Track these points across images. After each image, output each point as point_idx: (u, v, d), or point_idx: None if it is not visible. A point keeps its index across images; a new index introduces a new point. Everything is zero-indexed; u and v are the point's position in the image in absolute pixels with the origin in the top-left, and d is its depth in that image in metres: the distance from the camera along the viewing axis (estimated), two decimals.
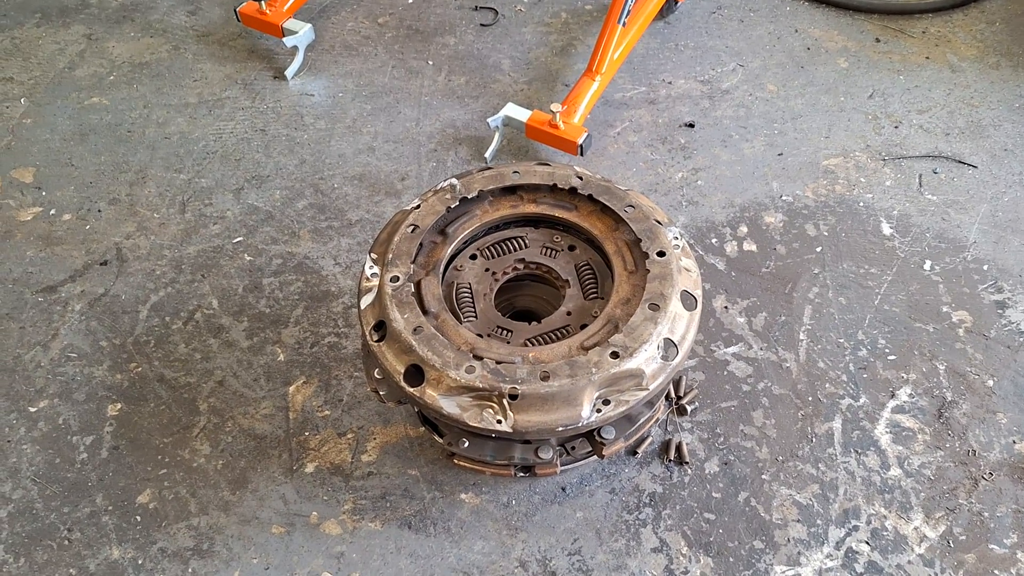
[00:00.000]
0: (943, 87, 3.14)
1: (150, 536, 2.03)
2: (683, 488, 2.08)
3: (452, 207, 1.98)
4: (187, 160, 2.93)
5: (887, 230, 2.64)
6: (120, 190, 2.84)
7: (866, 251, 2.59)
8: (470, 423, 1.67)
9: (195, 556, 1.99)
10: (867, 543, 1.99)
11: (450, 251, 1.96)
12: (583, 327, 1.84)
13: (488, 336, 1.85)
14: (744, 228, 2.66)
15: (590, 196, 2.00)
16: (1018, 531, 2.00)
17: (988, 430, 2.17)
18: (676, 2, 3.41)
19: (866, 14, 3.46)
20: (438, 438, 1.93)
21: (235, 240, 2.67)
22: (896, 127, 2.99)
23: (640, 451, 2.13)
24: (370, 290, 1.84)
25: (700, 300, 1.85)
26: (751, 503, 2.06)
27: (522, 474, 1.97)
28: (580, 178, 2.03)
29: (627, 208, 1.96)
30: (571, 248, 2.03)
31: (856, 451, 2.14)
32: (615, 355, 1.70)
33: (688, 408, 2.20)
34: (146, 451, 2.17)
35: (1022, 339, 2.36)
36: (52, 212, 2.77)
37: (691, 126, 3.01)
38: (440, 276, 1.92)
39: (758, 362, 2.33)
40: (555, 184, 2.02)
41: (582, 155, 2.77)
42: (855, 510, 2.04)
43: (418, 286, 1.87)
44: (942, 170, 2.83)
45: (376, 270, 1.87)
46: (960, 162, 2.86)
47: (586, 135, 2.74)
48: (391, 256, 1.86)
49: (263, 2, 3.18)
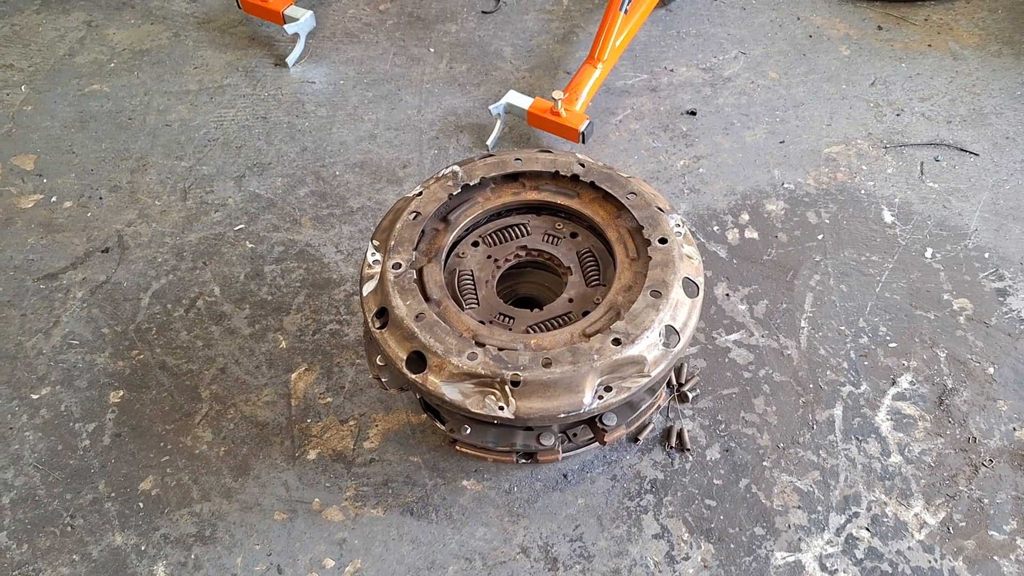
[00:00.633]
0: (945, 75, 3.13)
1: (152, 523, 2.03)
2: (684, 475, 2.09)
3: (454, 194, 1.98)
4: (188, 147, 2.93)
5: (888, 218, 2.64)
6: (121, 177, 2.83)
7: (867, 239, 2.58)
8: (472, 410, 1.67)
9: (197, 542, 2.00)
10: (867, 529, 2.00)
11: (452, 238, 1.96)
12: (585, 314, 1.84)
13: (490, 323, 1.85)
14: (746, 216, 2.66)
15: (592, 183, 2.00)
16: (1017, 518, 2.01)
17: (988, 417, 2.18)
18: None
19: (868, 2, 3.44)
20: (440, 425, 1.93)
21: (236, 227, 2.67)
22: (898, 115, 2.98)
23: (641, 438, 2.14)
24: (372, 277, 1.84)
25: (702, 287, 1.85)
26: (752, 490, 2.06)
27: (524, 461, 1.97)
28: (582, 165, 2.02)
29: (629, 195, 1.96)
30: (573, 235, 2.03)
31: (857, 438, 2.15)
32: (617, 342, 1.70)
33: (689, 395, 2.21)
34: (148, 438, 2.18)
35: (1023, 327, 2.36)
36: (53, 199, 2.77)
37: (693, 114, 3.00)
38: (442, 263, 1.92)
39: (759, 349, 2.33)
40: (557, 171, 2.02)
41: (584, 142, 2.76)
42: (855, 497, 2.05)
43: (420, 273, 1.87)
44: (944, 158, 2.83)
45: (378, 257, 1.87)
46: (962, 150, 2.85)
47: (588, 122, 2.73)
48: (393, 243, 1.86)
49: None
